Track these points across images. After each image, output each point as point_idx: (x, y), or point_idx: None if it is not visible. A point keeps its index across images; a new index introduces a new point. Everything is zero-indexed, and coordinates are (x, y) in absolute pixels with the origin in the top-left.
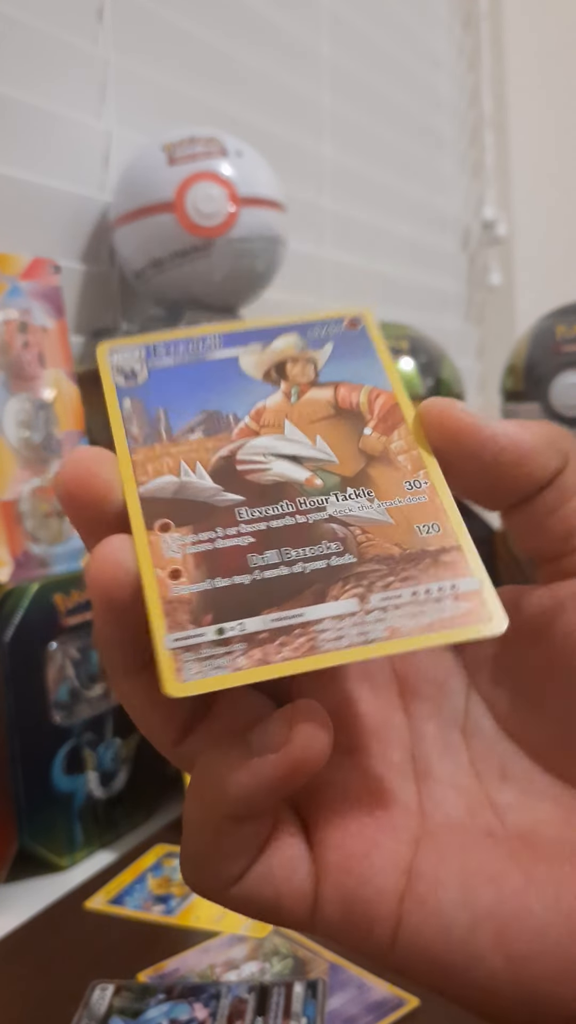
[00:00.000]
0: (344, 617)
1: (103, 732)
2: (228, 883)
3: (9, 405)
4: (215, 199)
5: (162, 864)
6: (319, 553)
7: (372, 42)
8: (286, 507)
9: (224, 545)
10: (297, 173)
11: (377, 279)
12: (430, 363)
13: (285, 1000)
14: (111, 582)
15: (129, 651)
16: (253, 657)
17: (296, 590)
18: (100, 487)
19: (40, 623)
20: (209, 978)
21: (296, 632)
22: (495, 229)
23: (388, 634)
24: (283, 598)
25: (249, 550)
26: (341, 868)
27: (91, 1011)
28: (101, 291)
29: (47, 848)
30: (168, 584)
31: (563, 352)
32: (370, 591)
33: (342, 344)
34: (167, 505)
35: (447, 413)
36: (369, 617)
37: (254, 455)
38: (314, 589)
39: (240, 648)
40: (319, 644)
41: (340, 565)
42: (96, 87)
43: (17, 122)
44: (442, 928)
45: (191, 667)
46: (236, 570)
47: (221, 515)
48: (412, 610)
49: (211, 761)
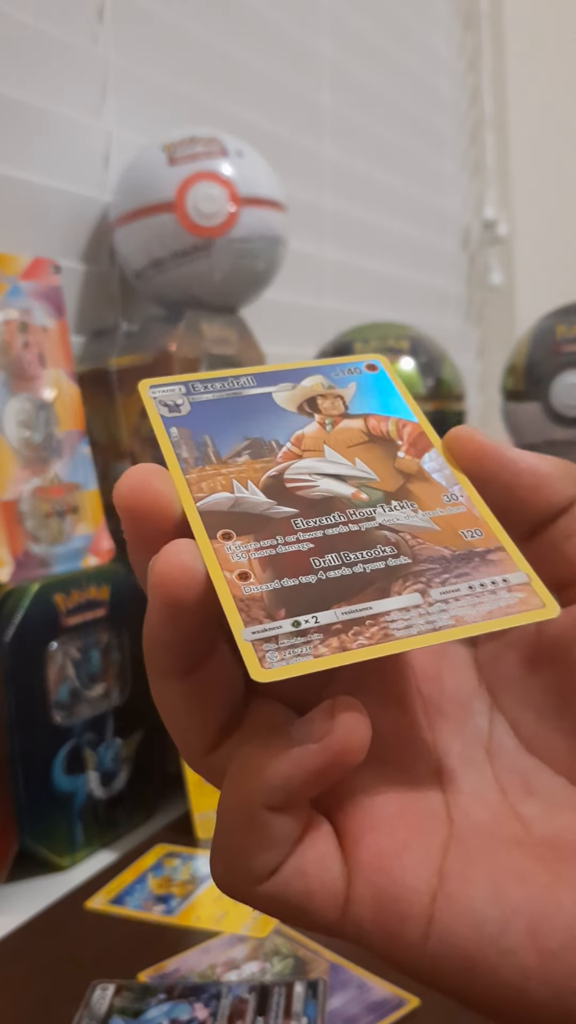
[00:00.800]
0: (410, 609)
1: (104, 732)
2: (259, 879)
3: (9, 405)
4: (215, 199)
5: (162, 864)
6: (376, 556)
7: (372, 42)
8: (338, 517)
9: (286, 551)
10: (297, 173)
11: (377, 279)
12: (430, 363)
13: (286, 1000)
14: (179, 584)
15: (180, 654)
16: (331, 645)
17: (360, 587)
18: (160, 499)
19: (41, 623)
20: (210, 978)
21: (368, 623)
22: (495, 229)
23: (454, 622)
24: (350, 594)
25: (310, 554)
26: (373, 867)
27: (92, 1011)
28: (101, 291)
29: (48, 848)
30: (239, 584)
31: (563, 352)
32: (429, 586)
33: (364, 384)
34: (225, 517)
35: (472, 438)
36: (433, 608)
37: (301, 474)
38: (377, 586)
39: (317, 638)
40: (392, 632)
41: (397, 565)
42: (96, 87)
43: (18, 122)
44: (474, 925)
45: (273, 656)
46: (301, 571)
47: (278, 525)
48: (471, 601)
49: (251, 752)
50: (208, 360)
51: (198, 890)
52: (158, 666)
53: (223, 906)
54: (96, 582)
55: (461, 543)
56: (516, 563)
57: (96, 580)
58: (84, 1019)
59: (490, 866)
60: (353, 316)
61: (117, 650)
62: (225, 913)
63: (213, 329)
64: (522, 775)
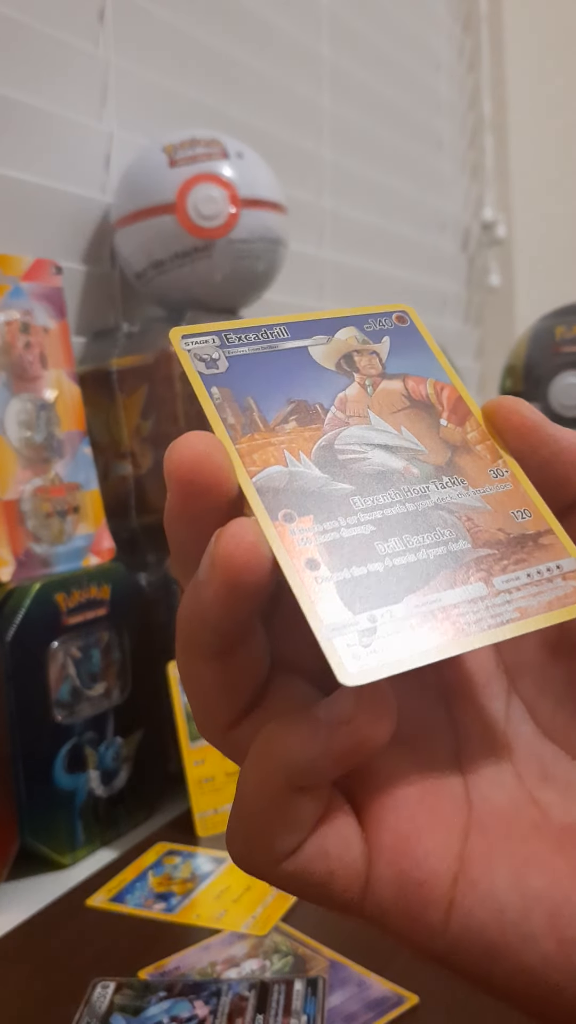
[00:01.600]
0: (476, 600)
1: (104, 731)
2: (280, 858)
3: (11, 405)
4: (216, 201)
5: (163, 862)
6: (436, 540)
7: (372, 44)
8: (394, 495)
9: (349, 535)
10: (297, 175)
11: (377, 280)
12: None
13: (285, 998)
14: (245, 566)
15: (225, 634)
16: (411, 643)
17: (427, 576)
18: (216, 473)
19: (42, 622)
20: (210, 976)
21: (440, 617)
22: (494, 230)
23: (519, 615)
24: (418, 584)
25: (373, 539)
26: (395, 849)
27: (92, 1009)
28: (102, 292)
29: (49, 846)
30: (309, 573)
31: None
32: (491, 574)
33: (397, 338)
34: (284, 495)
35: (516, 410)
36: (498, 600)
37: (351, 444)
38: (443, 575)
39: (395, 634)
40: (464, 627)
41: (458, 551)
42: (97, 89)
43: (19, 124)
44: (495, 910)
45: (357, 655)
46: (368, 558)
47: (337, 505)
48: (532, 590)
49: (276, 729)
50: None
51: (198, 888)
52: (196, 645)
53: (223, 904)
54: (97, 581)
55: (513, 525)
56: (567, 548)
57: (97, 579)
58: (85, 1017)
59: (511, 852)
60: None
61: (118, 649)
62: (225, 911)
63: None
64: (540, 761)
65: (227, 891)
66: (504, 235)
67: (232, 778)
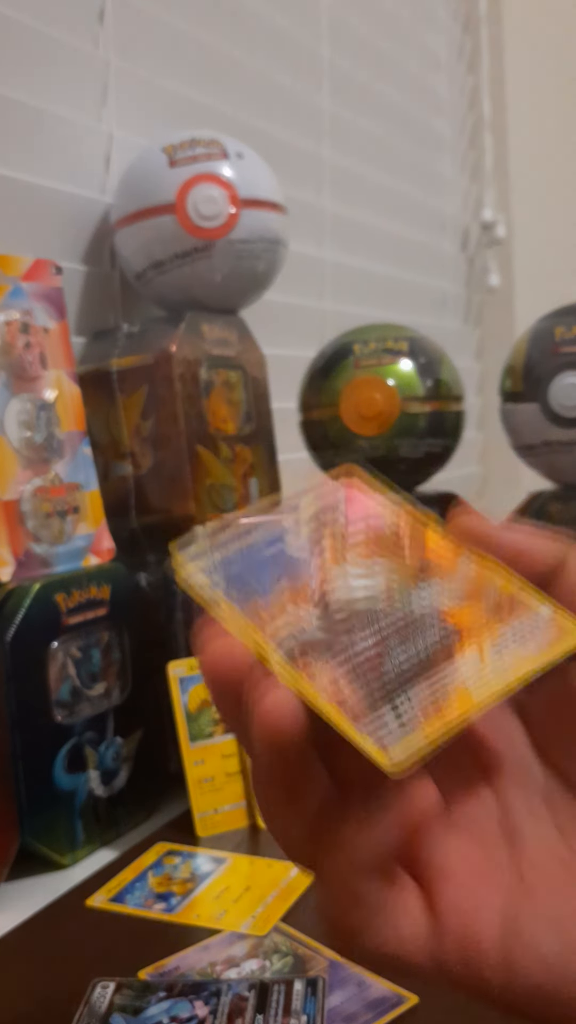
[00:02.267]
0: (476, 666)
1: (104, 731)
2: (359, 938)
3: (11, 406)
4: (216, 201)
5: (163, 862)
6: (430, 635)
7: (372, 44)
8: (385, 615)
9: (360, 659)
10: (297, 175)
11: (377, 280)
12: (429, 364)
13: (285, 998)
14: (286, 729)
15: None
16: (432, 716)
17: (431, 663)
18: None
19: (42, 622)
20: (210, 976)
21: (450, 689)
22: (494, 230)
23: (517, 665)
24: (425, 669)
25: (380, 655)
26: (456, 924)
27: (92, 1008)
28: (102, 292)
29: (48, 846)
30: (336, 699)
31: (561, 353)
32: (481, 642)
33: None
34: (298, 645)
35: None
36: (494, 659)
37: (337, 586)
38: (442, 656)
39: (419, 712)
40: (473, 690)
41: (449, 634)
42: (97, 89)
43: (19, 124)
44: (543, 961)
45: (391, 742)
46: (381, 674)
47: (343, 639)
48: (521, 643)
49: (342, 829)
50: (208, 361)
51: (198, 888)
52: (271, 798)
53: (223, 904)
54: (97, 581)
55: (488, 598)
56: (537, 600)
57: (97, 579)
58: (85, 1017)
59: (555, 908)
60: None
61: (118, 649)
62: (225, 911)
63: (213, 330)
64: None
65: (227, 891)
66: (504, 235)
67: (232, 778)
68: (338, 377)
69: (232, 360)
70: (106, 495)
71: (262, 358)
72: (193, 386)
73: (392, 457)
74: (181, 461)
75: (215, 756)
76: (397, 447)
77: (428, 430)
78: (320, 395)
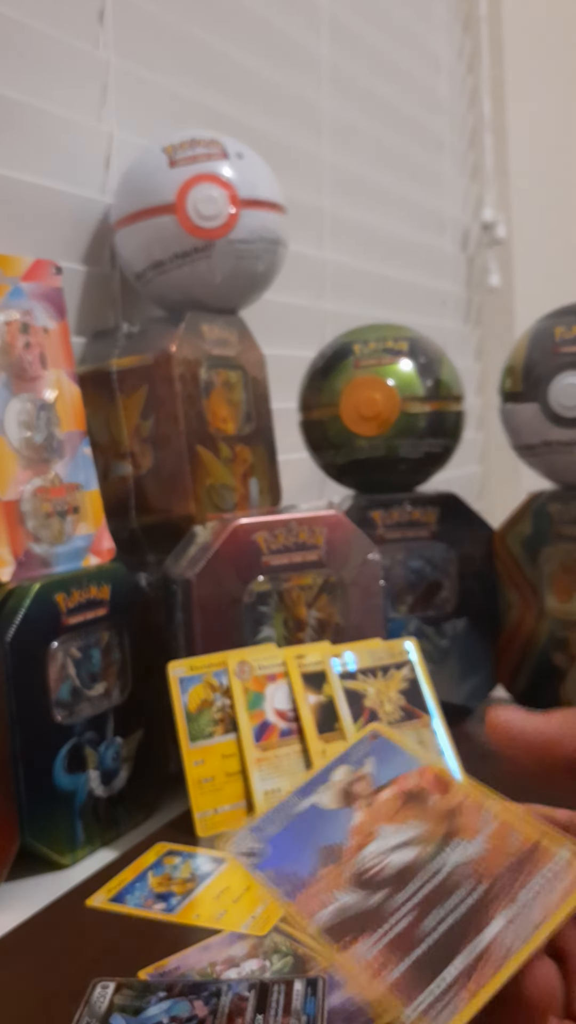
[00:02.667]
0: (505, 928)
1: (104, 731)
2: None
3: (11, 406)
4: (216, 201)
5: (163, 862)
6: (462, 896)
7: (372, 45)
8: (419, 881)
9: (398, 931)
10: (297, 175)
11: (377, 280)
12: (429, 364)
13: (285, 998)
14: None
15: None
16: (475, 984)
17: (464, 931)
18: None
19: (42, 622)
20: (209, 976)
21: (485, 956)
22: (494, 231)
23: (544, 914)
24: (460, 940)
25: (416, 924)
26: None
27: (92, 1009)
28: (102, 292)
29: (48, 846)
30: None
31: (561, 353)
32: (512, 899)
33: (376, 754)
34: (340, 926)
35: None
36: (524, 912)
37: (372, 860)
38: (475, 922)
39: (463, 982)
40: (510, 950)
41: (481, 895)
42: (97, 89)
43: (19, 124)
44: None
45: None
46: (417, 942)
47: (380, 912)
48: (547, 891)
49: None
50: (208, 361)
51: (198, 888)
52: None
53: (223, 904)
54: (97, 581)
55: (512, 849)
56: (557, 845)
57: (97, 580)
58: (84, 1017)
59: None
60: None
61: (118, 649)
62: (225, 911)
63: (213, 330)
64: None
65: (227, 891)
66: (504, 235)
67: (232, 778)
68: (338, 377)
69: (232, 360)
70: (106, 495)
71: (262, 358)
72: (193, 386)
73: (392, 457)
74: (181, 461)
75: (215, 756)
76: (397, 447)
77: (428, 430)
78: (320, 395)
